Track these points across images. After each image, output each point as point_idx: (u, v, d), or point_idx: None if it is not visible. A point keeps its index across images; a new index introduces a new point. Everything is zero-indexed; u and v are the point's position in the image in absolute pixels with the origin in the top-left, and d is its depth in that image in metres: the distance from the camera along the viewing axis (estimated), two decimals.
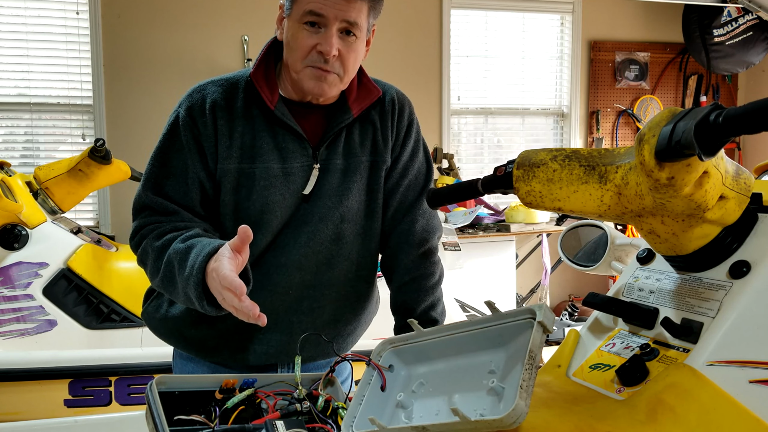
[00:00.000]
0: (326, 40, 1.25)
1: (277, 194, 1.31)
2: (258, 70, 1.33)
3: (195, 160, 1.30)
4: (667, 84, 5.60)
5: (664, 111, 0.75)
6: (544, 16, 5.34)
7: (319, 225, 1.34)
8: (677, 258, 0.88)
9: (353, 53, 1.29)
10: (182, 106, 1.32)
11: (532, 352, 0.73)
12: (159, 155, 1.32)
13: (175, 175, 1.30)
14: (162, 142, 1.33)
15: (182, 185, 1.30)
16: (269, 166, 1.31)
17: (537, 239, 4.75)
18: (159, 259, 1.25)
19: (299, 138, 1.33)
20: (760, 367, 0.79)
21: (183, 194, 1.30)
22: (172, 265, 1.21)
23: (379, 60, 4.75)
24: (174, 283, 1.22)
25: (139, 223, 1.31)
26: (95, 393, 2.59)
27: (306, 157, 1.33)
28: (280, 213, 1.32)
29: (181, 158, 1.30)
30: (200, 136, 1.30)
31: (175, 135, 1.31)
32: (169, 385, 0.98)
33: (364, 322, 1.51)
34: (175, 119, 1.32)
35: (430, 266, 1.44)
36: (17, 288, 2.70)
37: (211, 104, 1.30)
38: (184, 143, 1.30)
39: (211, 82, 1.34)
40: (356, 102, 1.37)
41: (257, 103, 1.32)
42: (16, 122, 4.34)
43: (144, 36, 4.42)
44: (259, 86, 1.31)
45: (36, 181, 2.99)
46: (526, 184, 0.86)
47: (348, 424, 0.89)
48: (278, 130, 1.32)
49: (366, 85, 1.40)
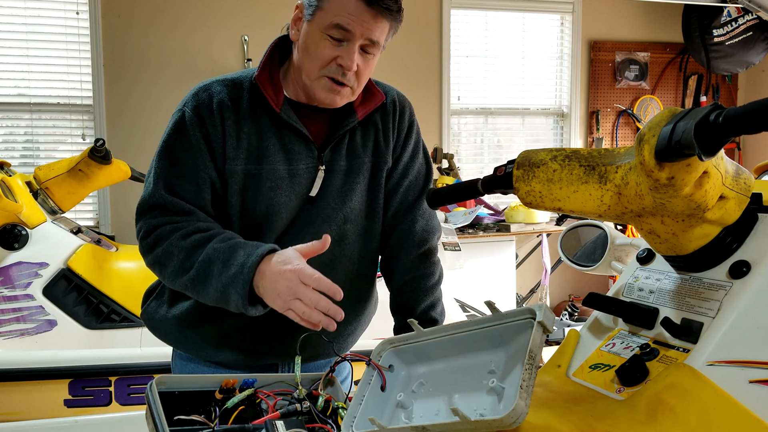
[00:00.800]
0: (348, 56, 1.26)
1: (283, 196, 1.31)
2: (263, 73, 1.32)
3: (205, 159, 1.29)
4: (667, 84, 5.61)
5: (664, 111, 0.75)
6: (544, 16, 5.34)
7: (323, 226, 1.34)
8: (677, 258, 0.88)
9: (368, 68, 1.32)
10: (188, 105, 1.30)
11: (532, 352, 0.73)
12: (167, 154, 1.30)
13: (185, 175, 1.28)
14: (168, 141, 1.30)
15: (193, 185, 1.28)
16: (275, 168, 1.30)
17: (537, 239, 4.75)
18: (189, 259, 1.23)
19: (305, 140, 1.33)
20: (760, 367, 0.79)
21: (195, 194, 1.29)
22: (211, 264, 1.20)
23: (380, 60, 4.74)
24: (207, 283, 1.21)
25: (151, 224, 1.27)
26: (95, 393, 2.59)
27: (312, 159, 1.33)
28: (285, 214, 1.32)
29: (191, 157, 1.28)
30: (209, 136, 1.29)
31: (182, 134, 1.29)
32: (169, 385, 0.98)
33: (363, 322, 1.51)
34: (181, 117, 1.30)
35: (430, 266, 1.44)
36: (17, 288, 2.70)
37: (218, 104, 1.29)
38: (192, 143, 1.28)
39: (216, 82, 1.33)
40: (362, 106, 1.38)
41: (262, 104, 1.32)
42: (16, 122, 4.34)
43: (144, 36, 4.42)
44: (264, 89, 1.30)
45: (36, 181, 2.99)
46: (526, 184, 0.86)
47: (348, 424, 0.89)
48: (284, 132, 1.32)
49: (371, 90, 1.41)
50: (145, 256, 1.30)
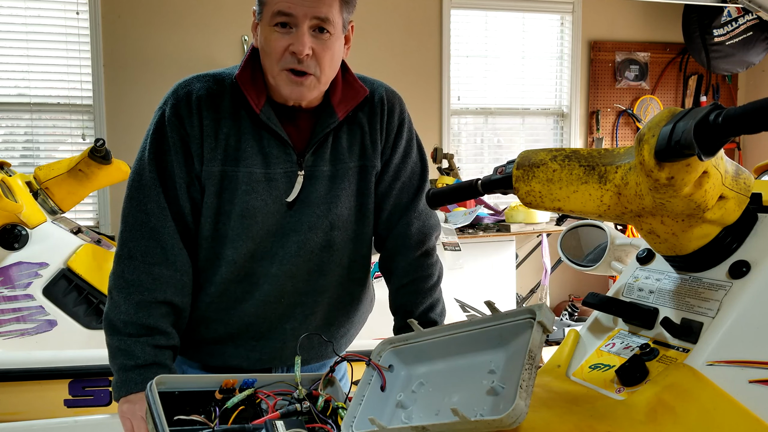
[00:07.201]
0: (298, 39, 1.21)
1: (258, 200, 1.28)
2: (243, 73, 1.29)
3: (181, 163, 1.28)
4: (667, 84, 5.60)
5: (664, 111, 0.75)
6: (544, 16, 5.34)
7: (309, 234, 1.32)
8: (677, 258, 0.88)
9: (328, 51, 1.24)
10: (167, 104, 1.29)
11: (532, 352, 0.73)
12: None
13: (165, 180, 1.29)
14: (148, 144, 1.30)
15: (171, 190, 1.28)
16: (252, 171, 1.28)
17: (537, 239, 4.75)
18: (129, 325, 1.27)
19: (283, 143, 1.29)
20: (760, 367, 0.79)
21: (173, 198, 1.29)
22: (133, 347, 1.26)
23: (380, 60, 4.75)
24: (110, 347, 1.29)
25: (132, 260, 1.27)
26: (95, 393, 2.58)
27: (290, 163, 1.30)
28: (261, 219, 1.29)
29: (168, 161, 1.28)
30: (187, 137, 1.27)
31: (162, 135, 1.29)
32: (169, 385, 0.98)
33: (357, 323, 1.49)
34: (160, 118, 1.29)
35: (428, 268, 1.42)
36: (17, 288, 2.70)
37: (197, 101, 1.27)
38: (170, 145, 1.28)
39: (196, 78, 1.30)
40: (341, 103, 1.32)
41: (244, 105, 1.29)
42: (16, 122, 4.34)
43: (144, 36, 4.42)
44: (245, 89, 1.28)
45: (36, 181, 2.98)
46: (526, 184, 0.86)
47: (348, 424, 0.89)
48: (263, 134, 1.29)
49: (351, 84, 1.35)
50: (113, 275, 1.29)
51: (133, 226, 1.28)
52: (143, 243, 1.27)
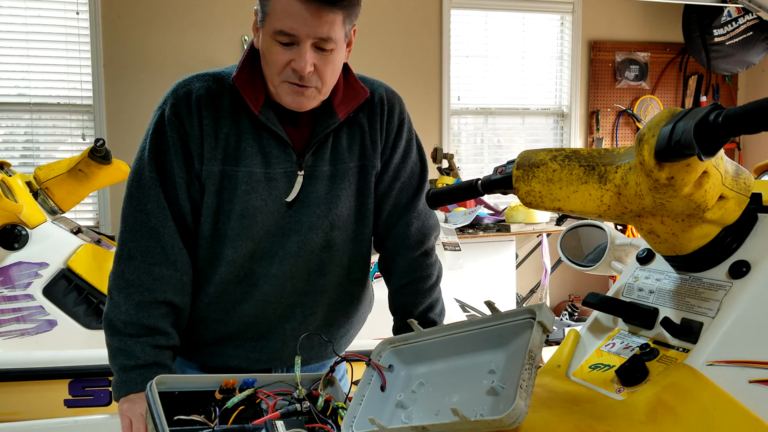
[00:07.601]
0: (300, 57, 1.19)
1: (258, 199, 1.28)
2: (241, 74, 1.28)
3: (181, 163, 1.28)
4: (667, 84, 5.60)
5: (664, 111, 0.75)
6: (544, 16, 5.34)
7: (309, 234, 1.32)
8: (677, 258, 0.88)
9: (330, 65, 1.23)
10: (167, 104, 1.28)
11: (532, 352, 0.73)
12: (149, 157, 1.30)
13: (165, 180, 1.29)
14: (148, 144, 1.30)
15: (172, 190, 1.28)
16: (252, 171, 1.28)
17: (537, 239, 4.75)
18: (129, 325, 1.27)
19: (283, 143, 1.29)
20: (760, 367, 0.79)
21: (173, 198, 1.28)
22: (134, 347, 1.26)
23: (380, 60, 4.75)
24: (110, 347, 1.29)
25: (132, 260, 1.27)
26: (95, 393, 2.58)
27: (290, 163, 1.30)
28: (260, 219, 1.29)
29: (168, 161, 1.28)
30: (187, 137, 1.27)
31: (161, 135, 1.29)
32: (169, 385, 0.98)
33: (357, 323, 1.50)
34: (160, 118, 1.28)
35: (427, 268, 1.41)
36: (17, 288, 2.70)
37: (196, 101, 1.27)
38: (170, 145, 1.28)
39: (196, 77, 1.30)
40: (342, 104, 1.32)
41: (243, 105, 1.29)
42: (16, 122, 4.34)
43: (144, 36, 4.42)
44: (243, 90, 1.27)
45: (36, 181, 2.98)
46: (526, 184, 0.86)
47: (348, 424, 0.89)
48: (263, 134, 1.29)
49: (352, 85, 1.34)
50: (113, 275, 1.29)
51: (132, 226, 1.28)
52: (143, 243, 1.27)
